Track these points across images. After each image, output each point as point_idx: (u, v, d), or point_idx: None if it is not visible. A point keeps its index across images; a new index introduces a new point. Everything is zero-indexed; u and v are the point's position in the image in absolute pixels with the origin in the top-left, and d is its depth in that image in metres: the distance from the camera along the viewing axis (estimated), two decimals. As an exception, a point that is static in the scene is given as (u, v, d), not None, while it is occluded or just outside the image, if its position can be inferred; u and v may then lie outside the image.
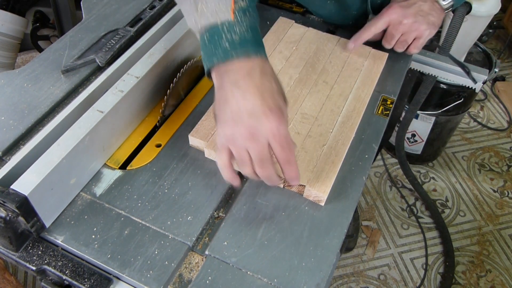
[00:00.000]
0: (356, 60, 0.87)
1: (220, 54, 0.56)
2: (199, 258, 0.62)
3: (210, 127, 0.73)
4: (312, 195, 0.66)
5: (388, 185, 1.82)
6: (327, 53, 0.88)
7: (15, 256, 0.61)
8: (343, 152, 0.71)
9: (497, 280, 1.56)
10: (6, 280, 1.32)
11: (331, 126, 0.75)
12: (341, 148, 0.71)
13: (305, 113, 0.76)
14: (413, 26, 0.82)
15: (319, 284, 0.59)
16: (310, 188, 0.66)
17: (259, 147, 0.56)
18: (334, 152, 0.71)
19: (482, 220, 1.71)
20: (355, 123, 0.76)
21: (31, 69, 0.80)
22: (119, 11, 0.92)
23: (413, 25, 0.82)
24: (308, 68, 0.84)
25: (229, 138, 0.57)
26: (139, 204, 0.66)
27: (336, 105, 0.78)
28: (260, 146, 0.56)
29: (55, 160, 0.60)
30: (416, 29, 0.82)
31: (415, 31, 0.83)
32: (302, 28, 0.92)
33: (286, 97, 0.59)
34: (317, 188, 0.65)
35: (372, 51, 0.89)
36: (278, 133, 0.56)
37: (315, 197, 0.67)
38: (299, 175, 0.61)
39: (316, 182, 0.66)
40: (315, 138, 0.73)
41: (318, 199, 0.66)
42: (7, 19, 1.54)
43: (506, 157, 1.92)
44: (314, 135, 0.73)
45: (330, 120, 0.76)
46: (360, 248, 1.62)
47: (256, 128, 0.55)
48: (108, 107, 0.67)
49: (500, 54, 2.35)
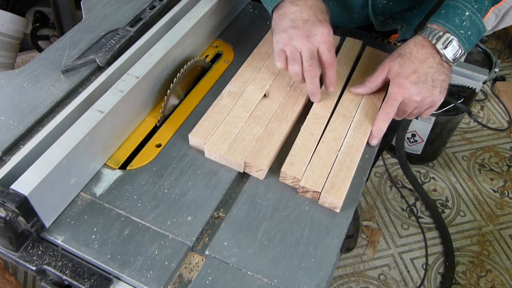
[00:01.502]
0: (367, 63, 0.86)
1: None
2: (199, 258, 0.62)
3: (210, 127, 0.73)
4: (327, 201, 0.66)
5: (388, 185, 1.82)
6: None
7: (15, 256, 0.61)
8: (357, 157, 0.70)
9: (497, 280, 1.56)
10: (6, 280, 1.33)
11: (344, 131, 0.74)
12: (355, 153, 0.71)
13: (316, 114, 0.76)
14: (426, 100, 0.74)
15: (319, 284, 0.59)
16: (326, 194, 0.65)
17: (311, 47, 0.69)
18: (348, 158, 0.70)
19: (482, 220, 1.71)
20: (368, 128, 0.75)
21: (31, 69, 0.80)
22: (119, 11, 0.92)
23: (427, 100, 0.74)
24: None
25: (286, 41, 0.70)
26: (139, 204, 0.66)
27: (348, 110, 0.77)
28: (312, 46, 0.70)
29: (55, 160, 0.60)
30: (430, 102, 0.75)
31: (430, 103, 0.75)
32: None
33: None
34: (332, 195, 0.65)
35: (383, 55, 0.88)
36: (327, 38, 0.70)
37: (330, 204, 0.66)
38: (336, 81, 0.74)
39: (332, 189, 0.66)
40: (329, 143, 0.72)
41: (334, 205, 0.66)
42: (7, 19, 1.54)
43: (506, 157, 1.92)
44: (328, 140, 0.72)
45: (342, 125, 0.75)
46: (360, 248, 1.62)
47: (310, 31, 0.69)
48: (108, 107, 0.67)
49: (500, 54, 2.35)
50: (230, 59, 0.90)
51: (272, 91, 0.79)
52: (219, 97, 0.78)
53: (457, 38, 0.72)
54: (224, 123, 0.73)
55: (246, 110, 0.76)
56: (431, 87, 0.73)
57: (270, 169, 0.71)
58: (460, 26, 0.72)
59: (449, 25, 0.72)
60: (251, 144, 0.71)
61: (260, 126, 0.73)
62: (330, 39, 0.71)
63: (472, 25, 0.72)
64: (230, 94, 0.78)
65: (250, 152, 0.70)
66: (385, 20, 0.94)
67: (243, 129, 0.73)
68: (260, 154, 0.69)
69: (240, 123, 0.73)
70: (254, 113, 0.75)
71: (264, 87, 0.80)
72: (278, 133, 0.73)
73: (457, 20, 0.72)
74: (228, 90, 0.79)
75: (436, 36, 0.73)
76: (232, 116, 0.74)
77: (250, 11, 1.01)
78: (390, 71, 0.75)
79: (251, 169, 0.70)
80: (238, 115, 0.75)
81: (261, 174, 0.69)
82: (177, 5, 0.89)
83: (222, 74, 0.87)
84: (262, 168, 0.68)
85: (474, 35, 0.73)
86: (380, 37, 0.95)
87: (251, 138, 0.71)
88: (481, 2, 0.73)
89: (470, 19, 0.72)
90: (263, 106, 0.77)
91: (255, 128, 0.73)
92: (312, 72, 0.71)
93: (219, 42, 0.94)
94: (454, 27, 0.72)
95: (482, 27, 0.73)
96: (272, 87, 0.80)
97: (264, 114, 0.75)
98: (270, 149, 0.70)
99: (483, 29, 0.73)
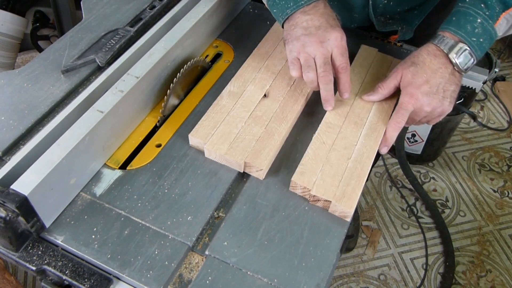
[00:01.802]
0: (378, 69, 0.85)
1: (292, 6, 0.72)
2: (199, 258, 0.62)
3: (210, 127, 0.73)
4: (338, 210, 0.65)
5: (388, 185, 1.82)
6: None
7: (15, 256, 0.61)
8: (368, 166, 0.69)
9: (497, 280, 1.56)
10: (6, 280, 1.32)
11: (355, 139, 0.73)
12: (366, 161, 0.70)
13: (329, 123, 0.75)
14: (436, 111, 0.75)
15: (319, 284, 0.59)
16: (337, 203, 0.64)
17: (324, 52, 0.70)
18: (359, 166, 0.69)
19: (482, 220, 1.71)
20: (380, 136, 0.74)
21: (31, 69, 0.80)
22: (119, 11, 0.92)
23: (437, 111, 0.75)
24: None
25: (300, 49, 0.71)
26: (139, 204, 0.66)
27: (360, 117, 0.76)
28: (325, 51, 0.70)
29: (55, 160, 0.60)
30: (440, 112, 0.75)
31: (440, 113, 0.76)
32: None
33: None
34: (343, 204, 0.64)
35: (394, 61, 0.87)
36: (340, 42, 0.71)
37: (341, 213, 0.66)
38: (350, 87, 0.75)
39: (343, 198, 0.65)
40: (340, 151, 0.71)
41: (345, 214, 0.65)
42: (7, 19, 1.54)
43: (506, 157, 1.92)
44: (339, 148, 0.71)
45: (353, 132, 0.74)
46: (360, 248, 1.62)
47: (323, 37, 0.70)
48: (108, 107, 0.67)
49: (500, 54, 2.35)
50: (230, 59, 0.90)
51: (272, 91, 0.79)
52: (219, 97, 0.78)
53: (469, 46, 0.71)
54: (224, 123, 0.73)
55: (246, 110, 0.76)
56: (442, 97, 0.73)
57: (271, 169, 0.71)
58: (472, 34, 0.71)
59: (461, 33, 0.71)
60: (251, 144, 0.71)
61: (260, 126, 0.73)
62: (343, 43, 0.72)
63: (484, 32, 0.71)
64: (230, 94, 0.78)
65: (250, 152, 0.70)
66: (386, 20, 0.94)
67: (243, 129, 0.73)
68: (260, 154, 0.69)
69: (240, 123, 0.73)
70: (254, 113, 0.75)
71: (264, 87, 0.80)
72: (278, 133, 0.73)
73: (469, 27, 0.71)
74: (228, 90, 0.79)
75: (449, 45, 0.72)
76: (232, 116, 0.74)
77: (250, 11, 1.01)
78: (403, 79, 0.74)
79: (251, 169, 0.70)
80: (238, 115, 0.75)
81: (261, 174, 0.69)
82: (177, 5, 0.89)
83: (222, 74, 0.87)
84: (262, 168, 0.68)
85: (486, 42, 0.72)
86: (380, 37, 0.95)
87: (251, 138, 0.71)
88: (493, 8, 0.71)
89: (482, 26, 0.71)
90: (263, 106, 0.77)
91: (255, 128, 0.73)
92: (326, 77, 0.71)
93: (219, 42, 0.94)
94: (466, 34, 0.71)
95: (494, 33, 0.72)
96: (272, 87, 0.80)
97: (264, 114, 0.75)
98: (270, 149, 0.70)
99: (495, 35, 0.72)
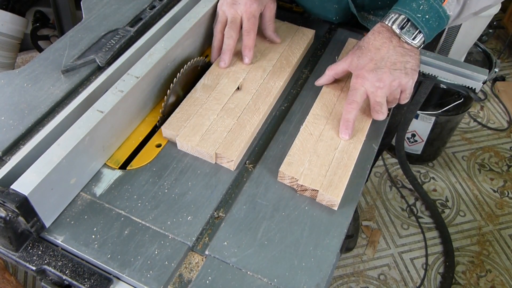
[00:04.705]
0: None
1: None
2: (199, 258, 0.62)
3: (183, 119, 0.74)
4: (325, 199, 0.66)
5: (388, 185, 1.82)
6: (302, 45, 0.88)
7: (15, 256, 0.61)
8: (355, 155, 0.71)
9: (497, 280, 1.56)
10: (6, 280, 1.33)
11: None
12: (353, 151, 0.71)
13: (317, 114, 0.76)
14: (392, 84, 0.73)
15: (319, 284, 0.59)
16: (324, 192, 0.65)
17: (233, 13, 0.83)
18: (346, 155, 0.70)
19: (482, 220, 1.72)
20: (366, 126, 0.75)
21: (31, 69, 0.80)
22: (119, 11, 0.92)
23: (392, 84, 0.73)
24: (282, 61, 0.85)
25: (219, 7, 0.86)
26: (139, 204, 0.66)
27: None
28: (235, 12, 0.83)
29: (55, 160, 0.60)
30: (398, 85, 0.73)
31: (398, 88, 0.74)
32: (277, 23, 0.93)
33: None
34: (330, 193, 0.65)
35: None
36: (249, 9, 0.83)
37: (328, 202, 0.66)
38: (252, 52, 0.84)
39: (329, 187, 0.66)
40: (327, 142, 0.72)
41: (331, 203, 0.66)
42: (7, 19, 1.54)
43: (506, 157, 1.92)
44: (326, 138, 0.73)
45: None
46: (360, 248, 1.62)
47: (236, 0, 0.83)
48: (108, 107, 0.67)
49: (500, 54, 2.35)
50: (230, 59, 0.90)
51: (246, 84, 0.80)
52: (193, 90, 0.79)
53: (413, 20, 0.72)
54: (197, 115, 0.74)
55: (219, 102, 0.77)
56: (392, 70, 0.72)
57: (270, 169, 0.71)
58: (417, 10, 0.72)
59: (405, 10, 0.72)
60: (222, 136, 0.72)
61: (232, 118, 0.74)
62: (252, 10, 0.83)
63: (431, 9, 0.72)
64: (204, 87, 0.79)
65: (221, 143, 0.71)
66: (368, 15, 0.95)
67: (215, 121, 0.74)
68: (231, 145, 0.70)
69: (213, 115, 0.75)
70: (227, 106, 0.76)
71: (238, 80, 0.81)
72: (250, 125, 0.74)
73: (414, 4, 0.72)
74: (202, 83, 0.80)
75: (393, 19, 0.73)
76: (205, 108, 0.76)
77: (250, 11, 1.01)
78: (351, 63, 0.76)
79: (222, 160, 0.71)
80: (211, 108, 0.76)
81: (232, 165, 0.70)
82: (177, 5, 0.89)
83: (222, 74, 0.87)
84: (233, 159, 0.69)
85: (433, 19, 0.72)
86: (366, 32, 0.95)
87: (222, 129, 0.73)
88: None
89: (427, 3, 0.72)
90: (236, 98, 0.78)
91: (227, 120, 0.74)
92: (227, 33, 0.82)
93: (219, 42, 0.94)
94: (411, 11, 0.72)
95: (443, 11, 0.72)
96: (246, 80, 0.81)
97: (237, 107, 0.76)
98: (241, 140, 0.71)
99: (444, 13, 0.72)
